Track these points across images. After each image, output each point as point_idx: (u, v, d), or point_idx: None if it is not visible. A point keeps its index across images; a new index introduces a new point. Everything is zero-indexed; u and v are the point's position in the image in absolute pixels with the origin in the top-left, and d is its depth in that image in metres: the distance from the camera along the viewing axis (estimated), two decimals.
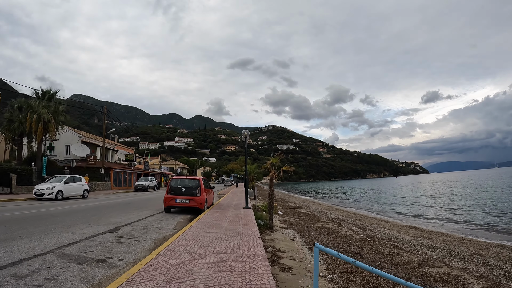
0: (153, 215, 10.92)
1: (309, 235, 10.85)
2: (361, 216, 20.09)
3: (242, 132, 12.38)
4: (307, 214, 17.37)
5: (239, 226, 8.17)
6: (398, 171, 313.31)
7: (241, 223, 8.94)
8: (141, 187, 31.36)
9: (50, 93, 31.12)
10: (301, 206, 22.16)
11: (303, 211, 18.77)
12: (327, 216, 17.53)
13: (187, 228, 7.64)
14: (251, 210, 12.17)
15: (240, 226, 8.28)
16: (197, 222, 8.62)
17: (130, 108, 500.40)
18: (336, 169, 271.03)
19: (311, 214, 17.62)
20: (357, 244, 9.91)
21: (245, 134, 12.34)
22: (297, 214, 17.01)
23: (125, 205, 14.79)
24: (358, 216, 19.92)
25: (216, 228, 7.77)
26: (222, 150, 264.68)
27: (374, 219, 18.71)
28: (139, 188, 31.48)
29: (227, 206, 13.66)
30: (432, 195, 36.42)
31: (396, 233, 13.57)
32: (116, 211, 11.84)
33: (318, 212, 19.27)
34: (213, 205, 13.81)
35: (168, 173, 58.09)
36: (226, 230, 7.43)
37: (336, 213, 20.09)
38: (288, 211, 18.03)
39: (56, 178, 19.93)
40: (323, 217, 16.85)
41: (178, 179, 11.79)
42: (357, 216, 19.87)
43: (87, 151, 32.12)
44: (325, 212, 20.27)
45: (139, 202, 16.37)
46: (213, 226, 7.99)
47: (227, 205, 14.14)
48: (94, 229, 7.71)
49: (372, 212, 23.58)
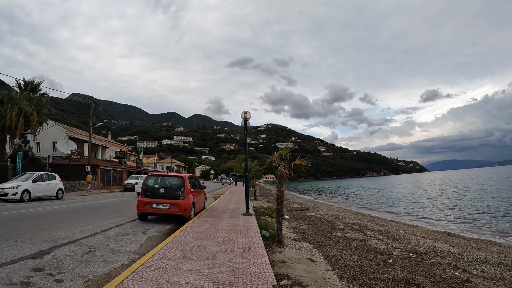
0: (121, 225, 8.09)
1: (332, 251, 8.06)
2: (379, 219, 17.31)
3: (242, 113, 9.51)
4: (318, 218, 14.57)
5: (236, 253, 5.22)
6: (397, 169, 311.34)
7: (239, 244, 5.89)
8: (130, 187, 28.41)
9: (33, 84, 28.20)
10: (308, 208, 19.34)
11: (312, 214, 15.97)
12: (342, 221, 14.75)
13: (150, 255, 4.74)
14: (253, 218, 9.17)
15: (238, 251, 5.35)
16: (172, 242, 5.75)
17: (128, 107, 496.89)
18: (335, 168, 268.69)
19: (323, 218, 14.82)
20: (402, 265, 7.12)
21: (245, 116, 9.42)
22: (306, 218, 14.23)
23: (96, 209, 11.93)
24: (376, 219, 17.14)
25: (198, 256, 4.80)
26: (221, 148, 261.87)
27: (396, 223, 15.94)
28: (128, 187, 28.59)
29: (222, 211, 10.73)
30: (440, 195, 33.74)
31: (436, 243, 10.83)
32: (75, 219, 9.00)
33: (330, 216, 16.47)
34: (205, 210, 10.89)
35: (163, 171, 54.98)
36: (214, 264, 4.44)
37: (350, 216, 17.32)
38: (295, 214, 15.24)
39: (24, 175, 17.09)
40: (338, 222, 14.06)
41: (156, 177, 8.91)
42: (375, 219, 17.10)
43: (74, 148, 29.22)
44: (337, 215, 17.48)
45: (117, 205, 13.49)
46: (195, 252, 5.09)
47: (223, 209, 11.20)
48: (10, 253, 4.91)
49: (388, 214, 20.84)
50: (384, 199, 32.77)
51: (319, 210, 19.11)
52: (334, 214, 18.07)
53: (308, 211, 17.54)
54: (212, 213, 10.30)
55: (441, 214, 19.64)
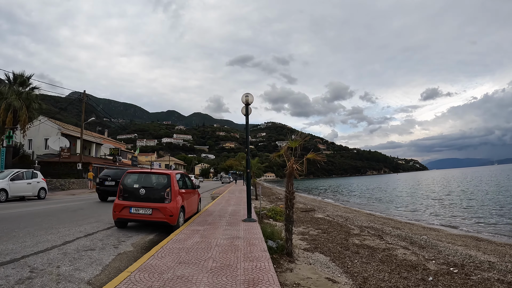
0: (91, 235, 6.49)
1: (354, 265, 6.49)
2: (394, 221, 15.73)
3: (243, 97, 7.79)
4: (328, 221, 12.97)
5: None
6: (397, 168, 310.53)
7: (239, 274, 3.88)
8: None
9: (22, 77, 26.61)
10: (314, 208, 17.73)
11: (320, 216, 14.38)
12: (355, 224, 13.18)
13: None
14: (257, 227, 7.46)
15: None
16: (140, 270, 3.87)
17: (128, 105, 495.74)
18: (336, 166, 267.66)
19: (332, 220, 13.24)
20: (447, 284, 5.60)
21: (246, 99, 7.69)
22: (314, 221, 12.65)
23: (72, 212, 10.30)
24: (390, 221, 15.57)
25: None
26: (221, 146, 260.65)
27: (414, 226, 14.37)
28: None
29: (218, 215, 9.08)
30: (448, 194, 32.19)
31: (468, 250, 9.32)
32: (40, 225, 7.40)
33: (339, 218, 14.89)
34: (199, 214, 9.21)
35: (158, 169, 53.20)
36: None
37: (360, 218, 15.74)
38: (301, 216, 13.66)
39: (2, 173, 15.52)
40: (350, 225, 12.48)
41: (136, 175, 7.28)
42: (390, 221, 15.52)
43: (66, 144, 27.65)
44: (347, 216, 15.89)
45: (98, 208, 11.84)
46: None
47: (220, 213, 9.70)
48: None
49: (400, 215, 19.27)
50: (391, 198, 31.23)
51: (326, 211, 17.54)
52: (343, 215, 16.51)
53: (315, 212, 15.96)
54: (207, 218, 8.64)
55: (457, 215, 18.09)
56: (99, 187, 14.96)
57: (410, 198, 30.00)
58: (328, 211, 17.52)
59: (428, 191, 38.30)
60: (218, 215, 9.04)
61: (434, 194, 32.25)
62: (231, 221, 8.20)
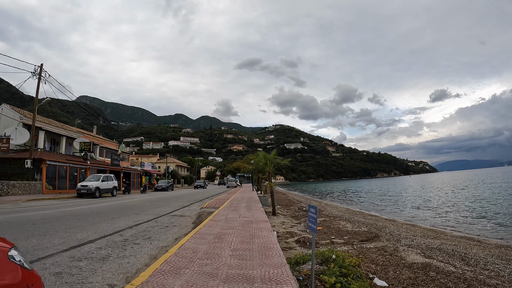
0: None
1: None
2: (445, 235, 11.27)
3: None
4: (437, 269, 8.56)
5: None
6: (408, 170, 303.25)
7: None
8: (86, 191, 20.18)
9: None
10: (376, 233, 12.66)
11: (382, 245, 9.82)
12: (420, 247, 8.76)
13: None
14: None
15: None
16: None
17: (136, 109, 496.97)
18: (345, 168, 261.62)
19: (440, 267, 8.80)
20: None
21: None
22: (388, 256, 8.23)
23: None
24: (441, 235, 11.13)
25: None
26: (228, 149, 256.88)
27: (478, 243, 9.89)
28: (83, 192, 20.22)
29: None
30: (477, 197, 27.44)
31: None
32: None
33: (437, 252, 10.31)
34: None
35: (153, 171, 48.45)
36: None
37: (409, 233, 11.31)
38: (380, 260, 9.24)
39: None
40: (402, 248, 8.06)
41: None
42: (441, 235, 11.07)
43: (26, 137, 23.28)
44: (399, 233, 11.43)
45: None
46: None
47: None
48: None
49: (442, 225, 14.86)
50: (418, 203, 26.79)
51: (393, 235, 13.08)
52: (379, 225, 12.10)
53: (380, 240, 11.16)
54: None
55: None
56: None
57: (437, 202, 25.36)
58: (394, 235, 12.70)
59: (452, 194, 33.47)
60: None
61: (459, 197, 27.54)
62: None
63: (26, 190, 20.37)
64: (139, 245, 5.97)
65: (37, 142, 25.68)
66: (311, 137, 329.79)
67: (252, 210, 11.80)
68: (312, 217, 3.92)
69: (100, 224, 8.38)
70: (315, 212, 3.83)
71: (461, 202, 26.93)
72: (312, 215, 3.91)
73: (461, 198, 30.78)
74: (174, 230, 7.76)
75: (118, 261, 4.89)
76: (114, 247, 5.78)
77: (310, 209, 4.08)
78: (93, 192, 20.20)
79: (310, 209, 4.06)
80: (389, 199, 35.02)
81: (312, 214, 3.93)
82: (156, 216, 10.41)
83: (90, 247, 5.75)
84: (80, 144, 28.11)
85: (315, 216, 3.80)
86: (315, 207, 3.90)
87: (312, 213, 3.92)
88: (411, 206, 26.06)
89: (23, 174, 21.39)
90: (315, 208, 3.88)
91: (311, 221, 3.98)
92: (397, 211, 23.16)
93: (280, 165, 14.24)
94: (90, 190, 20.10)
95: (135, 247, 5.80)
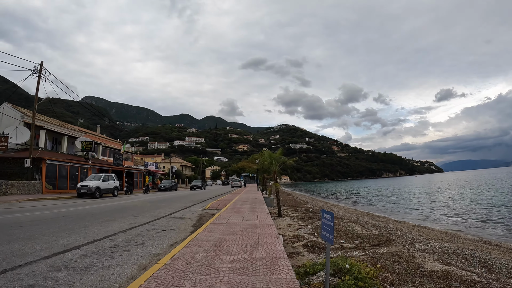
0: None
1: None
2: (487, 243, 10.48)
3: None
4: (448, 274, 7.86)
5: None
6: (413, 170, 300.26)
7: None
8: (86, 191, 19.60)
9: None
10: (388, 236, 12.06)
11: (396, 250, 9.11)
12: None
13: None
14: None
15: None
16: None
17: (141, 109, 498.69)
18: (351, 168, 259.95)
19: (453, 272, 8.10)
20: None
21: None
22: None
23: None
24: (481, 245, 10.34)
25: None
26: (233, 149, 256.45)
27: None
28: (83, 192, 19.63)
29: None
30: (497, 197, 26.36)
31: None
32: None
33: (454, 257, 9.61)
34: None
35: (157, 171, 48.10)
36: None
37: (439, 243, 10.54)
38: (397, 270, 8.56)
39: None
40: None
41: None
42: (482, 245, 10.29)
43: (27, 136, 22.73)
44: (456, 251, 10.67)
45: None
46: None
47: None
48: None
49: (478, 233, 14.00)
50: (426, 204, 25.93)
51: (405, 239, 12.32)
52: (389, 228, 11.36)
53: (393, 244, 10.54)
54: None
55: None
56: None
57: (454, 204, 24.42)
58: (407, 238, 11.93)
59: (469, 195, 32.43)
60: None
61: (480, 198, 26.54)
62: None
63: (25, 190, 19.87)
64: (129, 253, 5.34)
65: (38, 142, 25.26)
66: (316, 137, 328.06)
67: (257, 212, 11.11)
68: (327, 224, 3.24)
69: (92, 227, 7.78)
70: (331, 219, 3.16)
71: (471, 203, 26.01)
72: (328, 223, 3.23)
73: (471, 199, 29.82)
74: (171, 234, 7.12)
75: (101, 272, 4.27)
76: (100, 255, 5.16)
77: (324, 215, 3.41)
78: (93, 192, 19.69)
79: (325, 215, 3.38)
80: (396, 199, 34.09)
81: (327, 221, 3.26)
82: (154, 218, 9.79)
83: (74, 254, 5.15)
84: (81, 143, 27.54)
85: (331, 224, 3.12)
86: (331, 213, 3.23)
87: (328, 220, 3.25)
88: (419, 207, 25.20)
89: (22, 173, 20.92)
90: (331, 214, 3.21)
91: (326, 230, 3.31)
92: (405, 212, 22.33)
93: (286, 164, 13.55)
94: (90, 190, 19.59)
95: (124, 255, 5.18)
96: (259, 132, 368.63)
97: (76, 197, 19.75)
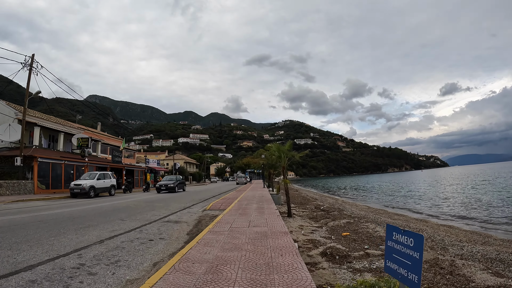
0: None
1: None
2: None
3: None
4: None
5: None
6: (419, 164, 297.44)
7: None
8: (80, 190, 18.27)
9: None
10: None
11: (431, 256, 7.77)
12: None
13: None
14: None
15: None
16: None
17: (146, 107, 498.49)
18: (356, 163, 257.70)
19: None
20: None
21: None
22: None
23: None
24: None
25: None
26: (238, 146, 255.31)
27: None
28: (76, 191, 18.33)
29: None
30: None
31: None
32: None
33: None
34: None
35: (159, 168, 46.70)
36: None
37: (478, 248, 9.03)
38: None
39: None
40: None
41: None
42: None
43: (19, 134, 21.35)
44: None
45: None
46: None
47: None
48: None
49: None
50: (439, 200, 24.40)
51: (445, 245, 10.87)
52: (412, 228, 9.90)
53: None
54: None
55: None
56: None
57: (474, 200, 22.74)
58: (436, 241, 10.46)
59: (484, 190, 30.63)
60: None
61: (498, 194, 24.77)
62: None
63: (15, 190, 18.52)
64: (93, 277, 3.89)
65: (32, 139, 23.95)
66: (321, 133, 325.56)
67: (265, 213, 9.59)
68: (403, 253, 1.74)
69: (64, 236, 6.35)
70: (414, 244, 1.67)
71: (486, 198, 24.36)
72: (403, 250, 1.74)
73: (484, 193, 28.10)
74: (158, 247, 5.63)
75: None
76: (54, 281, 3.73)
77: (391, 234, 1.92)
78: (87, 191, 18.30)
79: (394, 234, 1.89)
80: (407, 195, 32.44)
81: (402, 248, 1.76)
82: (144, 223, 8.34)
83: (18, 280, 3.72)
84: (77, 140, 26.11)
85: (415, 256, 1.61)
86: (410, 233, 1.74)
87: (404, 244, 1.76)
88: (432, 203, 23.57)
89: (13, 172, 19.63)
90: (414, 236, 1.70)
91: (395, 260, 1.82)
92: (421, 209, 20.75)
93: (296, 159, 12.07)
94: (84, 190, 18.20)
95: (85, 282, 3.73)
96: (263, 128, 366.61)
97: (69, 197, 18.41)
